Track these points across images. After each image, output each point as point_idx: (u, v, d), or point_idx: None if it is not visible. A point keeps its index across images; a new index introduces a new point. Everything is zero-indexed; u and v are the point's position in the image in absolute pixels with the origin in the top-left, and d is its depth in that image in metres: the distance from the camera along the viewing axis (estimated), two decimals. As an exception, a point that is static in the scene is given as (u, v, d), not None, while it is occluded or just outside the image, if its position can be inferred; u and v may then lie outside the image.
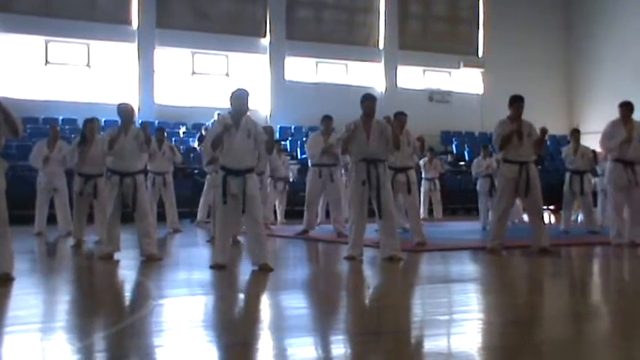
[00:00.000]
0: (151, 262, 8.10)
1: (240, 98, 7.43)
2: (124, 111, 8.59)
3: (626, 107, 9.92)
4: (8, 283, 6.44)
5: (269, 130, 7.55)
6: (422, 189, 15.95)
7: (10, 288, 6.33)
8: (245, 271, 7.57)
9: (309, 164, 11.68)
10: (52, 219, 12.04)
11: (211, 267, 7.51)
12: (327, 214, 12.89)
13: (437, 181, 16.50)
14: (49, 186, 11.70)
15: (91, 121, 10.45)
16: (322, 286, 7.07)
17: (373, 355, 4.21)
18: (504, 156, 9.16)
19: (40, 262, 9.35)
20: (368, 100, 8.39)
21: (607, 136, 9.94)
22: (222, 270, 7.39)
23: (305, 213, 11.58)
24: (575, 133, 12.51)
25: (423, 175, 15.99)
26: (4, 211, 6.60)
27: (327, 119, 11.37)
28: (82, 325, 5.00)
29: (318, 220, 12.64)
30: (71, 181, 11.24)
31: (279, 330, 4.88)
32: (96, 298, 6.42)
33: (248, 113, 7.54)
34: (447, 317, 5.35)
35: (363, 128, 8.28)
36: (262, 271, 7.21)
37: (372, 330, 4.85)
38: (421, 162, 15.81)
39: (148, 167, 12.16)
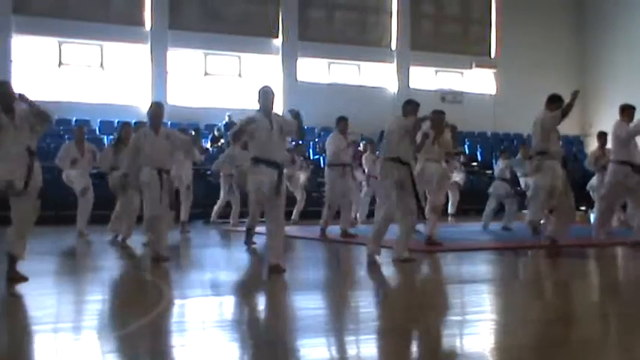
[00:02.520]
0: (163, 262, 8.12)
1: (266, 94, 7.54)
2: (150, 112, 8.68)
3: (631, 110, 10.07)
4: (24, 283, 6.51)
5: (296, 114, 7.60)
6: None
7: (28, 288, 6.37)
8: (261, 272, 7.60)
9: (326, 163, 11.59)
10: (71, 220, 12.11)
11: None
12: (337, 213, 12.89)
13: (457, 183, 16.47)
14: (80, 184, 11.72)
15: (127, 125, 10.71)
16: (336, 287, 7.08)
17: (387, 355, 4.22)
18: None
19: (54, 262, 9.39)
20: (412, 106, 8.44)
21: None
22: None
23: (343, 213, 11.44)
24: (602, 136, 12.47)
25: None
26: (33, 211, 6.69)
27: (343, 120, 11.34)
28: (96, 326, 5.04)
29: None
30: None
31: (294, 330, 4.90)
32: (111, 298, 6.46)
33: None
34: (460, 317, 5.35)
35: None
36: (272, 272, 7.17)
37: (386, 330, 4.86)
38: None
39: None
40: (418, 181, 8.54)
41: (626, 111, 9.99)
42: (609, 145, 11.26)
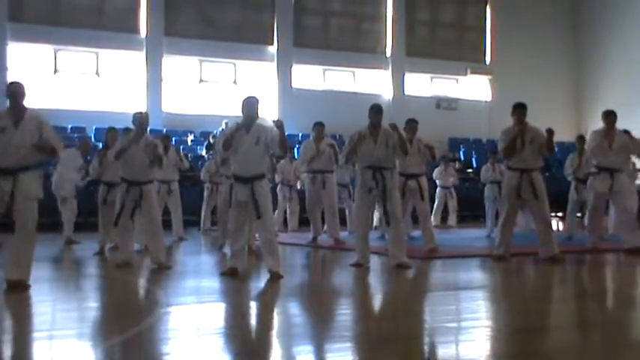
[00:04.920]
0: (160, 270, 8.12)
1: (250, 105, 7.50)
2: (139, 119, 8.69)
3: (611, 116, 10.13)
4: (23, 291, 6.49)
5: (279, 124, 7.47)
6: (437, 197, 15.93)
7: (23, 295, 6.36)
8: (254, 278, 7.60)
9: (305, 171, 11.71)
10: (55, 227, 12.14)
11: (223, 273, 7.55)
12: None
13: (453, 190, 16.45)
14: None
15: (111, 130, 10.60)
16: (330, 294, 7.07)
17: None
18: (507, 163, 9.23)
19: (52, 269, 9.37)
20: (373, 112, 8.43)
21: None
22: (235, 275, 7.41)
23: (311, 221, 11.61)
24: (581, 140, 12.54)
25: (438, 184, 16.01)
26: (32, 220, 6.67)
27: (318, 125, 11.47)
28: (91, 334, 5.02)
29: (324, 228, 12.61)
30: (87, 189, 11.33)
31: (288, 337, 4.89)
32: (104, 306, 6.44)
33: (257, 121, 7.57)
34: (455, 324, 5.34)
35: (371, 135, 8.32)
36: (271, 278, 7.24)
37: (381, 337, 4.85)
38: (435, 171, 15.82)
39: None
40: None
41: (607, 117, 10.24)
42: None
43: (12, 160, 6.61)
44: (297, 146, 20.58)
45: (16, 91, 6.74)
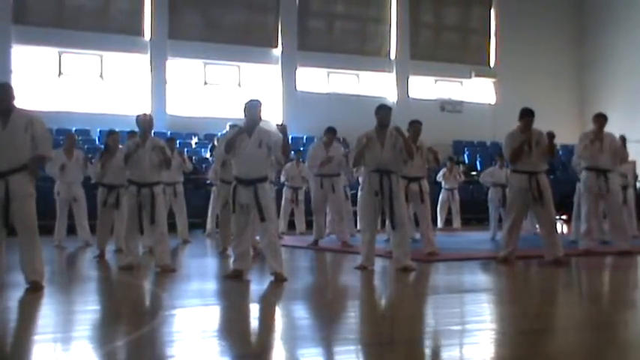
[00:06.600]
0: (165, 273, 8.11)
1: (252, 108, 7.49)
2: (143, 122, 8.70)
3: (601, 118, 10.16)
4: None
5: (282, 129, 7.42)
6: (440, 199, 15.94)
7: (27, 297, 6.36)
8: (258, 281, 7.59)
9: (312, 174, 11.71)
10: (71, 229, 12.13)
11: (227, 275, 7.55)
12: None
13: (456, 192, 16.44)
14: (69, 196, 11.83)
15: (113, 133, 10.56)
16: (334, 296, 7.07)
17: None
18: (513, 166, 9.20)
19: (59, 272, 9.37)
20: (382, 110, 8.38)
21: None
22: (238, 277, 7.41)
23: (314, 223, 11.61)
24: None
25: (442, 185, 16.03)
26: (31, 219, 6.67)
27: (330, 132, 11.42)
28: (95, 336, 5.02)
29: (328, 231, 12.59)
30: (89, 191, 11.30)
31: (292, 340, 4.88)
32: (109, 308, 6.44)
33: (260, 124, 7.56)
34: (459, 327, 5.33)
35: (377, 139, 8.27)
36: (276, 281, 7.24)
37: (385, 340, 4.84)
38: (440, 173, 15.81)
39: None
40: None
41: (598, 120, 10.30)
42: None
43: (1, 163, 6.59)
44: (301, 149, 20.61)
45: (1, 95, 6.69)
